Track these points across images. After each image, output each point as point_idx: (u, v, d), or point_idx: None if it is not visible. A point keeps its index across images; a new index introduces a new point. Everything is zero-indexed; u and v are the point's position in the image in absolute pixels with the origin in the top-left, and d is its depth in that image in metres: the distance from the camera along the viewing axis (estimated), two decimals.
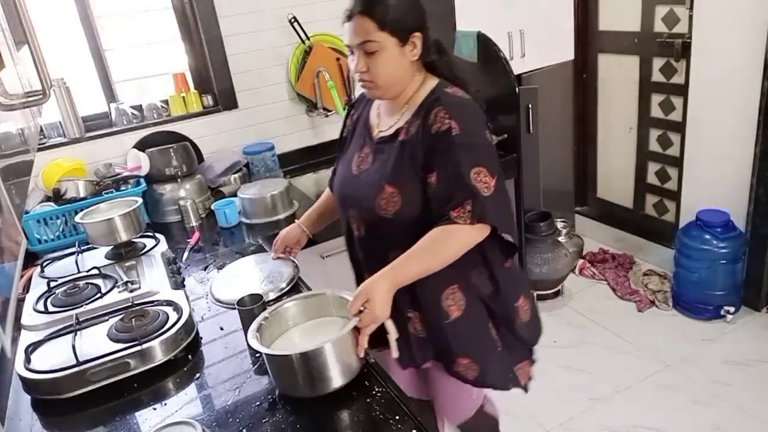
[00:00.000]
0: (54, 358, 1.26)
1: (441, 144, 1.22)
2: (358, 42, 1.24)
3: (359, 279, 1.49)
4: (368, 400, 1.10)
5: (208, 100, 2.53)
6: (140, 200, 1.85)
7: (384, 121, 1.37)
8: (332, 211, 1.63)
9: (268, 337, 1.23)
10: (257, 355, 1.29)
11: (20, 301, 1.54)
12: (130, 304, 1.44)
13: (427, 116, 1.24)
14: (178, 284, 1.55)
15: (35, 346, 1.32)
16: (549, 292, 2.96)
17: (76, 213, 1.92)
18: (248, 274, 1.66)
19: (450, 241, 1.21)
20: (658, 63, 2.92)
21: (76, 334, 1.31)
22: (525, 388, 1.47)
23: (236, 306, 1.35)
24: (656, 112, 3.02)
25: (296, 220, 1.69)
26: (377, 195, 1.30)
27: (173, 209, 2.24)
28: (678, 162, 2.84)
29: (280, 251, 1.67)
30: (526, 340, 1.45)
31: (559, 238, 2.98)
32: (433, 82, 1.32)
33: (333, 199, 1.57)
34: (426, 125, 1.24)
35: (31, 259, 1.94)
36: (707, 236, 2.54)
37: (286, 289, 1.54)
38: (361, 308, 1.15)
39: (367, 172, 1.36)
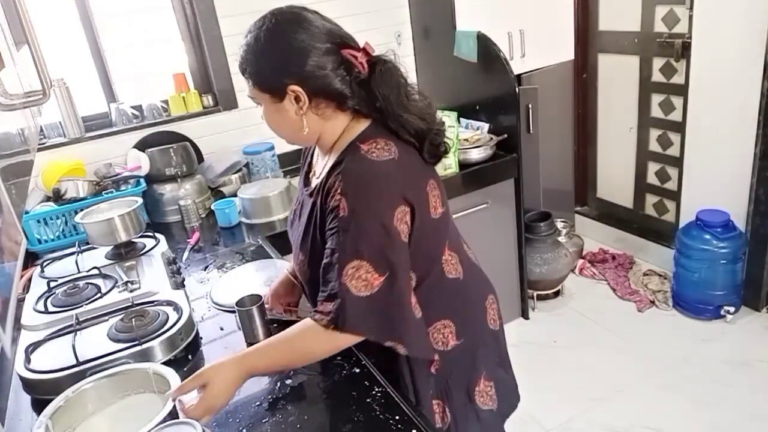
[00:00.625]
0: (54, 358, 1.26)
1: (331, 223, 1.03)
2: (248, 93, 1.12)
3: None
4: (368, 400, 1.10)
5: (208, 100, 2.52)
6: (140, 200, 1.85)
7: (320, 161, 1.18)
8: None
9: (66, 424, 1.06)
10: None
11: (20, 301, 1.54)
12: (130, 304, 1.44)
13: (329, 179, 1.05)
14: (178, 284, 1.55)
15: (35, 346, 1.32)
16: (549, 292, 2.96)
17: (76, 213, 1.92)
18: (248, 279, 1.65)
19: (308, 341, 1.04)
20: (658, 63, 2.92)
21: (76, 334, 1.31)
22: None
23: (235, 307, 1.35)
24: (656, 112, 3.02)
25: (285, 270, 1.44)
26: (295, 259, 1.19)
27: (173, 209, 2.24)
28: (678, 162, 2.84)
29: (280, 309, 1.38)
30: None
31: (559, 238, 2.98)
32: (361, 126, 1.08)
33: None
34: (328, 191, 1.05)
35: (31, 259, 1.94)
36: (707, 236, 2.54)
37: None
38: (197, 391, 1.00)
39: (294, 227, 1.22)
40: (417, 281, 1.11)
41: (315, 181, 1.15)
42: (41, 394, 1.21)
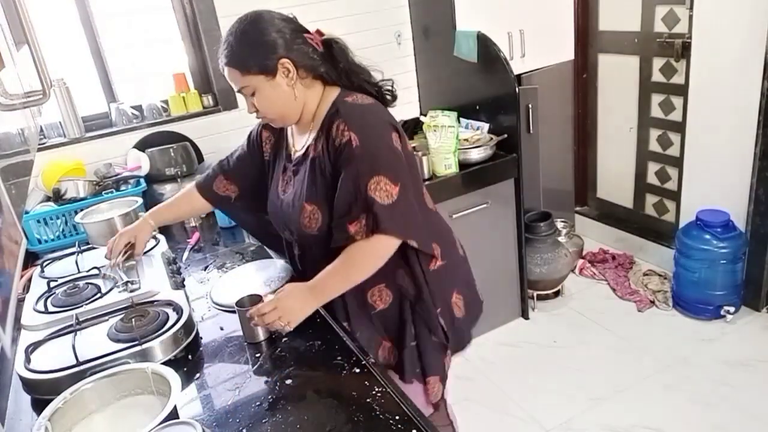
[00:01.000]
0: (54, 358, 1.26)
1: (343, 156, 1.24)
2: (236, 89, 1.31)
3: None
4: (368, 400, 1.10)
5: (208, 100, 2.53)
6: (140, 200, 1.86)
7: (297, 140, 1.40)
8: (185, 213, 1.69)
9: (65, 425, 1.06)
10: (257, 355, 1.29)
11: (20, 301, 1.54)
12: (130, 304, 1.44)
13: (330, 130, 1.26)
14: (178, 284, 1.55)
15: (35, 346, 1.32)
16: (549, 292, 2.96)
17: (76, 213, 1.92)
18: (248, 279, 1.65)
19: (358, 258, 1.26)
20: (658, 63, 2.92)
21: (76, 334, 1.31)
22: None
23: (235, 307, 1.35)
24: (656, 112, 3.02)
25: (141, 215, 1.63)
26: (300, 215, 1.34)
27: None
28: (678, 162, 2.84)
29: (118, 254, 1.53)
30: (448, 341, 1.45)
31: (559, 238, 2.98)
32: (333, 93, 1.32)
33: (192, 203, 1.61)
34: (330, 139, 1.27)
35: (31, 259, 1.94)
36: (707, 236, 2.54)
37: None
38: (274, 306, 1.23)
39: (288, 194, 1.39)
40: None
41: (300, 151, 1.36)
42: (41, 394, 1.21)
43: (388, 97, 1.39)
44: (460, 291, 1.49)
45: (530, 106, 2.83)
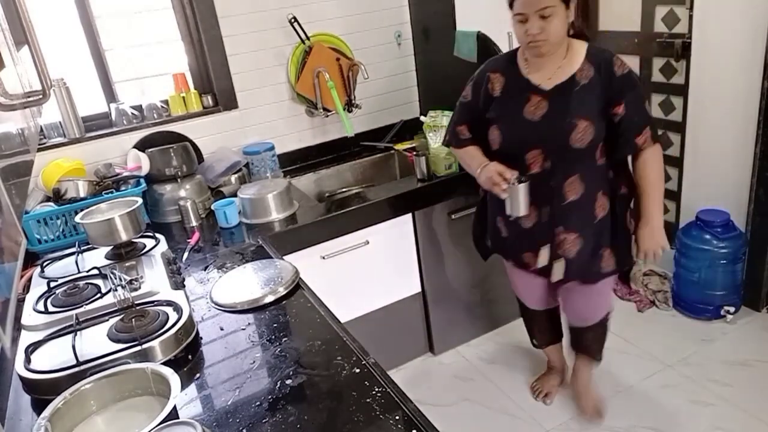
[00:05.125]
0: (54, 358, 1.26)
1: (628, 82, 1.62)
2: (536, 9, 1.52)
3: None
4: (368, 400, 1.10)
5: (208, 100, 2.52)
6: (140, 200, 1.85)
7: (542, 74, 1.68)
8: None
9: (65, 425, 1.06)
10: (257, 355, 1.29)
11: (20, 301, 1.54)
12: (130, 304, 1.44)
13: (609, 64, 1.61)
14: (178, 284, 1.55)
15: (35, 346, 1.32)
16: None
17: (76, 213, 1.92)
18: (248, 279, 1.65)
19: (657, 165, 1.71)
20: (658, 63, 2.92)
21: (76, 334, 1.31)
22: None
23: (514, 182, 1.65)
24: (656, 112, 3.01)
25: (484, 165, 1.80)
26: (571, 131, 1.62)
27: (173, 209, 2.24)
28: (678, 162, 2.84)
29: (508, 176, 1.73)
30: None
31: None
32: (577, 42, 1.66)
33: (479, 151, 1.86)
34: (609, 70, 1.61)
35: (31, 259, 1.94)
36: (707, 236, 2.54)
37: (284, 293, 1.54)
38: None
39: (550, 115, 1.65)
40: None
41: (561, 76, 1.65)
42: (41, 394, 1.22)
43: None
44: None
45: None
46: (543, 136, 1.67)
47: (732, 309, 2.61)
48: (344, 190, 2.72)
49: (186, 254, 1.92)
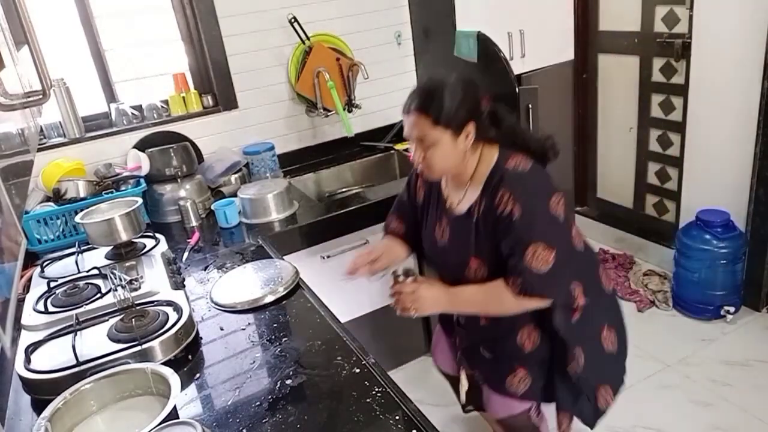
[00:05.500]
0: (54, 358, 1.26)
1: (503, 224, 1.31)
2: (414, 136, 1.33)
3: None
4: (368, 400, 1.10)
5: (208, 100, 2.52)
6: (140, 200, 1.85)
7: (453, 195, 1.46)
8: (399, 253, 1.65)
9: (65, 425, 1.07)
10: (257, 355, 1.29)
11: (20, 301, 1.54)
12: (130, 304, 1.44)
13: (494, 197, 1.33)
14: (178, 284, 1.55)
15: (35, 346, 1.32)
16: None
17: (76, 213, 1.92)
18: (248, 279, 1.65)
19: (504, 301, 1.34)
20: (658, 63, 2.92)
21: (76, 334, 1.31)
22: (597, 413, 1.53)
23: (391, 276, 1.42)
24: (656, 112, 3.02)
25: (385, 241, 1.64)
26: (464, 268, 1.41)
27: (173, 209, 2.24)
28: (678, 162, 2.84)
29: (364, 271, 1.54)
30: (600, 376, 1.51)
31: None
32: (492, 154, 1.38)
33: (397, 245, 1.63)
34: (493, 206, 1.33)
35: (31, 259, 1.94)
36: (707, 236, 2.54)
37: (284, 293, 1.54)
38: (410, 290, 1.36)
39: (449, 246, 1.46)
40: None
41: (464, 206, 1.41)
42: (41, 394, 1.22)
43: (551, 154, 1.44)
44: (611, 326, 1.52)
45: (530, 106, 2.83)
46: (445, 264, 1.51)
47: (732, 309, 2.61)
48: (344, 190, 2.72)
49: (186, 254, 1.92)
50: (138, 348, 1.25)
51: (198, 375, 1.26)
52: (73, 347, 1.23)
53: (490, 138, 1.38)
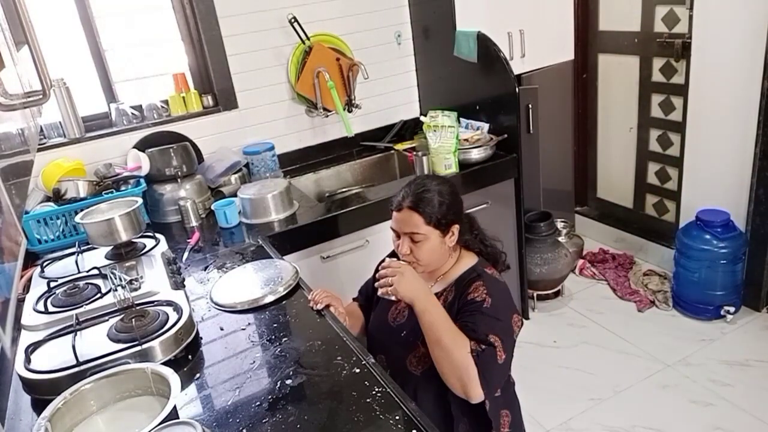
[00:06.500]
0: (54, 358, 1.26)
1: (470, 308, 1.35)
2: (405, 231, 1.41)
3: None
4: (368, 400, 1.10)
5: (208, 100, 2.52)
6: (140, 200, 1.85)
7: (426, 280, 1.47)
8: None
9: (65, 425, 1.06)
10: (257, 355, 1.29)
11: (20, 301, 1.54)
12: (130, 304, 1.44)
13: (468, 286, 1.39)
14: (178, 284, 1.55)
15: (35, 346, 1.32)
16: (549, 292, 2.96)
17: (76, 213, 1.92)
18: (248, 279, 1.65)
19: (458, 344, 1.29)
20: (658, 63, 2.92)
21: (76, 335, 1.31)
22: None
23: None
24: (656, 112, 3.02)
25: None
26: (411, 352, 1.42)
27: (173, 209, 2.24)
28: (678, 162, 2.84)
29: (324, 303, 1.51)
30: None
31: (559, 238, 2.98)
32: (470, 260, 1.48)
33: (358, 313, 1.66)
34: (465, 293, 1.39)
35: (31, 259, 1.94)
36: (707, 236, 2.54)
37: (284, 293, 1.54)
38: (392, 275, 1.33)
39: (402, 328, 1.47)
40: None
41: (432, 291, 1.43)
42: (41, 394, 1.22)
43: (500, 265, 1.54)
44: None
45: (530, 106, 2.83)
46: (391, 346, 1.48)
47: (732, 309, 2.61)
48: (344, 190, 2.72)
49: (186, 254, 1.92)
50: (138, 348, 1.25)
51: (198, 375, 1.26)
52: (73, 347, 1.23)
53: (467, 240, 1.50)
